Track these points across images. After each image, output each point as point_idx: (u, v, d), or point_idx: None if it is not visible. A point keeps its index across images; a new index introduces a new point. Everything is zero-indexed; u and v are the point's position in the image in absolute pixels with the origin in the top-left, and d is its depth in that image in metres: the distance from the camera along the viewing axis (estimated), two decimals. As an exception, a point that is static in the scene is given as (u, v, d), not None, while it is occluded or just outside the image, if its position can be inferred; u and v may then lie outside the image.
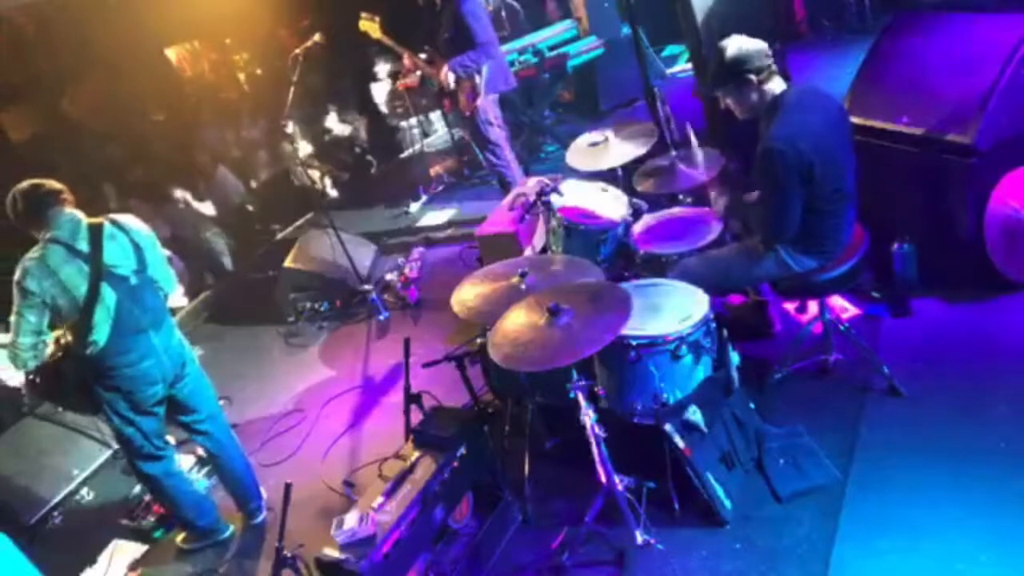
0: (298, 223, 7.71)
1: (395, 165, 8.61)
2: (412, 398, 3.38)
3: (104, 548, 3.97)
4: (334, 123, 8.36)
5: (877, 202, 3.31)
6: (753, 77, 2.93)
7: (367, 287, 5.47)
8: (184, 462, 4.30)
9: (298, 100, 5.26)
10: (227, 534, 3.78)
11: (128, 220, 3.36)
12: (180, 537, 3.84)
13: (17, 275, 3.06)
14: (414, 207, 7.23)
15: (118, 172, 6.18)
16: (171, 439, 4.41)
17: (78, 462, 4.56)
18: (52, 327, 3.17)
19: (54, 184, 3.21)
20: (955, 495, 2.75)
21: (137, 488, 4.30)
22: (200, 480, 4.23)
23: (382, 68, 8.31)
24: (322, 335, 5.48)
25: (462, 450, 3.04)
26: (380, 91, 8.41)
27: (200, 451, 4.19)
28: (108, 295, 3.17)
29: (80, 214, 3.22)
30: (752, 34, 3.02)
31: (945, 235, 3.60)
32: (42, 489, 4.39)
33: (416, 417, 3.32)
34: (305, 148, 7.77)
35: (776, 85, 2.98)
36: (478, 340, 3.74)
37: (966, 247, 3.55)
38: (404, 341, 3.49)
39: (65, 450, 4.56)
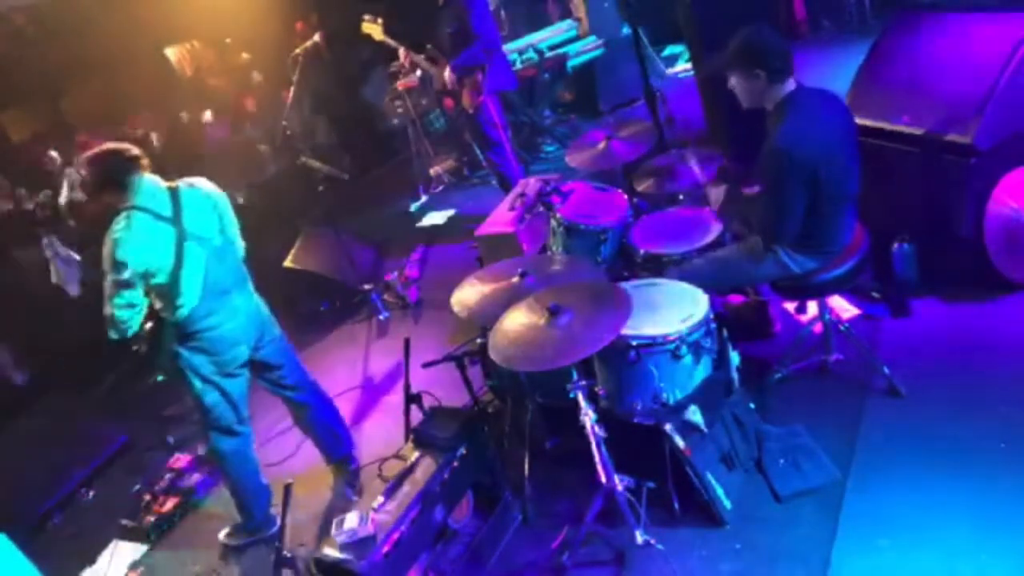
0: (298, 222, 7.70)
1: (395, 165, 8.61)
2: (412, 398, 3.38)
3: (104, 548, 3.97)
4: (333, 123, 8.36)
5: (877, 202, 3.31)
6: (762, 73, 2.91)
7: (367, 287, 5.47)
8: (180, 460, 4.31)
9: (298, 100, 5.26)
10: (273, 530, 3.57)
11: (202, 182, 3.33)
12: (224, 533, 3.74)
13: (107, 248, 3.01)
14: (414, 207, 7.22)
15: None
16: (170, 439, 4.44)
17: (79, 461, 4.55)
18: (145, 295, 3.13)
19: (132, 149, 3.15)
20: (955, 495, 2.75)
21: (137, 487, 4.30)
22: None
23: (381, 68, 8.30)
24: (322, 335, 5.47)
25: (462, 450, 3.04)
26: (380, 91, 8.39)
27: (200, 450, 4.20)
28: (196, 257, 3.14)
29: (158, 178, 3.18)
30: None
31: (945, 235, 3.59)
32: (42, 488, 4.38)
33: (416, 417, 3.32)
34: (305, 148, 7.76)
35: (787, 86, 2.96)
36: (478, 340, 3.74)
37: (966, 247, 3.54)
38: (404, 341, 3.50)
39: (65, 449, 4.56)
